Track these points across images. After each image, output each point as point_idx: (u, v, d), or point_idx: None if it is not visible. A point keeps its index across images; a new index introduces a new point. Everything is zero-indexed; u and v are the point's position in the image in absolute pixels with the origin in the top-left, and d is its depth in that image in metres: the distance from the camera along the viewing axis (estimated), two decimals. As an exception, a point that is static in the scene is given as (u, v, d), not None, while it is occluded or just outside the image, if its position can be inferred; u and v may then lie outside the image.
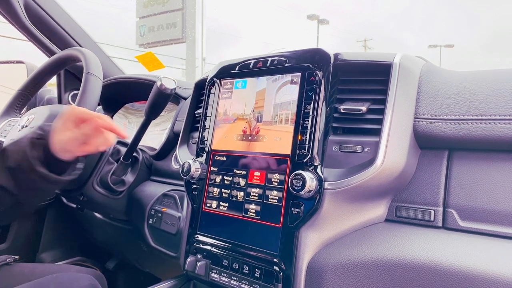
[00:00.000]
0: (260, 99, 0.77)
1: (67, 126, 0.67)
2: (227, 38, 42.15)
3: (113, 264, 1.47)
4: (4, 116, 1.19)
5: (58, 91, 1.53)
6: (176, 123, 1.09)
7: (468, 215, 0.62)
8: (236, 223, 0.75)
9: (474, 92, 0.64)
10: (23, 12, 1.27)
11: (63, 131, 0.66)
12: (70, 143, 0.67)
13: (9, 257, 0.88)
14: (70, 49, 1.08)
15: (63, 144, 0.66)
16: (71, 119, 0.67)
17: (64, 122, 0.67)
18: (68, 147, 0.66)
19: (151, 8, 10.84)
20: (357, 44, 31.18)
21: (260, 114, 0.77)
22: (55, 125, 0.66)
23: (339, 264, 0.63)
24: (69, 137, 0.66)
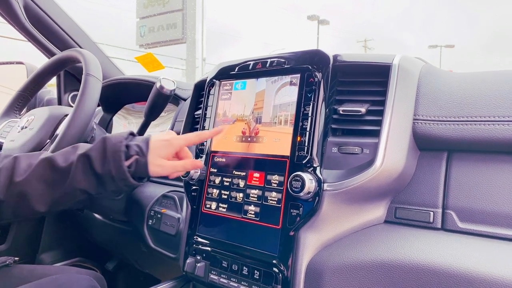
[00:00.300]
0: (260, 100, 0.77)
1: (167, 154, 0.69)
2: (227, 38, 42.17)
3: (113, 265, 1.47)
4: (4, 117, 1.19)
5: (58, 92, 1.54)
6: (176, 124, 1.09)
7: (467, 217, 0.62)
8: (236, 224, 0.75)
9: (473, 94, 0.64)
10: (22, 13, 1.27)
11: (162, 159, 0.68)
12: (167, 170, 0.69)
13: (9, 259, 0.88)
14: (70, 50, 1.07)
15: (161, 170, 0.68)
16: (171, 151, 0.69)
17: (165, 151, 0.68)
18: (163, 172, 0.69)
19: (151, 8, 10.85)
20: (358, 45, 31.19)
21: (259, 115, 0.77)
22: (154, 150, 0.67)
23: (338, 266, 0.63)
24: (169, 165, 0.69)
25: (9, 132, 1.11)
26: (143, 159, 0.66)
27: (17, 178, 0.66)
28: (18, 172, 0.66)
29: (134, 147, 0.66)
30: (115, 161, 0.65)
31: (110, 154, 0.65)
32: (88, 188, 0.66)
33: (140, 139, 0.69)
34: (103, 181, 0.66)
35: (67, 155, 0.68)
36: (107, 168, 0.65)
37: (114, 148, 0.66)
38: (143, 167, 0.66)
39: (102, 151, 0.66)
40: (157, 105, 0.97)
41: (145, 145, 0.67)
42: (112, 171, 0.65)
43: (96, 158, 0.66)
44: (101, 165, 0.65)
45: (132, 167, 0.66)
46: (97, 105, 0.95)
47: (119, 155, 0.65)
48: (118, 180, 0.65)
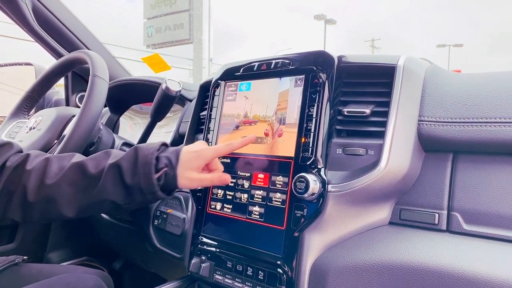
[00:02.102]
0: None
1: (197, 167, 0.68)
2: (234, 39, 42.20)
3: (119, 264, 1.48)
4: (13, 117, 1.20)
5: (66, 92, 1.55)
6: (182, 125, 1.10)
7: (473, 219, 0.61)
8: (240, 225, 0.75)
9: (479, 95, 0.63)
10: (31, 15, 1.28)
11: (191, 171, 0.67)
12: (195, 184, 0.69)
13: (18, 258, 0.89)
14: (77, 52, 1.09)
15: (189, 183, 0.68)
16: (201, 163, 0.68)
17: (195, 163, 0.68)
18: (192, 185, 0.69)
19: (158, 9, 10.90)
20: (365, 44, 31.03)
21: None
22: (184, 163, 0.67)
23: (342, 267, 0.63)
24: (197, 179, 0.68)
25: (17, 132, 1.12)
26: (172, 172, 0.65)
27: (48, 181, 0.65)
28: (49, 174, 0.65)
29: (163, 160, 0.66)
30: (145, 173, 0.64)
31: (141, 166, 0.64)
32: (117, 198, 0.65)
33: (170, 151, 0.68)
34: (132, 192, 0.65)
35: (98, 162, 0.67)
36: (136, 180, 0.64)
37: (145, 160, 0.65)
38: (172, 180, 0.66)
39: (133, 162, 0.65)
40: (163, 106, 0.97)
41: (175, 158, 0.66)
42: (142, 183, 0.64)
43: (127, 169, 0.65)
44: (131, 176, 0.64)
45: (161, 180, 0.65)
46: (104, 106, 0.96)
47: (149, 168, 0.64)
48: (147, 192, 0.65)
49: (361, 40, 32.11)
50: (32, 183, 0.65)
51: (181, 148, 0.69)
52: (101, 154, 0.69)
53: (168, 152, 0.68)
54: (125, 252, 1.46)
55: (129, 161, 0.65)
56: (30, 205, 0.65)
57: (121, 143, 1.15)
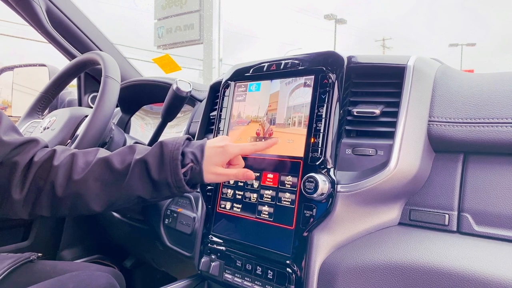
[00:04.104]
0: (274, 101, 0.78)
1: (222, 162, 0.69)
2: (244, 39, 42.20)
3: (131, 262, 1.50)
4: (27, 118, 1.23)
5: (78, 93, 1.58)
6: (192, 125, 1.11)
7: (484, 220, 0.61)
8: (249, 224, 0.75)
9: (490, 95, 0.63)
10: (45, 17, 1.31)
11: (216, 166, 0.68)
12: (220, 178, 0.70)
13: (33, 255, 0.90)
14: (90, 53, 1.10)
15: (214, 178, 0.68)
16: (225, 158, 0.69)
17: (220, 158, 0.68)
18: (217, 180, 0.70)
19: (169, 10, 10.97)
20: (375, 44, 30.77)
21: (273, 117, 0.77)
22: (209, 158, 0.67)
23: (351, 267, 0.63)
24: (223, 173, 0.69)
25: (32, 132, 1.15)
26: (197, 167, 0.66)
27: (75, 176, 0.66)
28: (76, 170, 0.66)
29: (189, 155, 0.66)
30: (172, 168, 0.65)
31: (167, 162, 0.65)
32: (143, 193, 0.67)
33: (195, 145, 0.68)
34: (159, 187, 0.66)
35: (123, 157, 0.68)
36: (163, 175, 0.65)
37: (171, 156, 0.65)
38: (198, 174, 0.66)
39: (159, 157, 0.66)
40: (174, 106, 0.98)
41: (200, 153, 0.67)
42: (169, 178, 0.65)
43: (153, 164, 0.66)
44: (158, 172, 0.65)
45: (188, 175, 0.66)
46: (115, 106, 0.97)
47: (176, 163, 0.65)
48: (174, 187, 0.66)
49: (372, 40, 31.86)
50: (60, 179, 0.66)
51: (206, 142, 0.69)
52: (126, 149, 0.70)
53: (194, 147, 0.68)
54: (136, 251, 1.47)
55: (156, 157, 0.66)
56: (59, 201, 0.67)
57: (132, 142, 1.16)
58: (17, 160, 0.66)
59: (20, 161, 0.66)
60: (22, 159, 0.67)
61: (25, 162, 0.67)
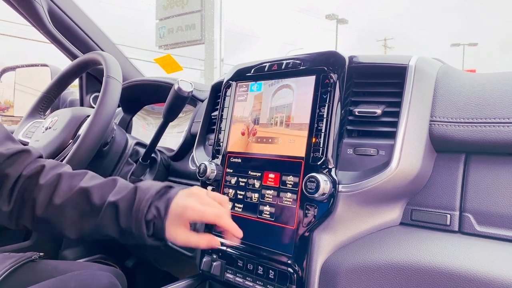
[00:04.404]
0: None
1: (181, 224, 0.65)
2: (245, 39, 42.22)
3: (132, 262, 1.50)
4: (29, 118, 1.23)
5: (80, 93, 1.58)
6: (193, 125, 1.11)
7: (485, 220, 0.61)
8: (251, 224, 0.75)
9: (492, 95, 0.63)
10: (47, 17, 1.31)
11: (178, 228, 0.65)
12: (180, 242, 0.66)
13: (35, 254, 0.91)
14: (92, 53, 1.11)
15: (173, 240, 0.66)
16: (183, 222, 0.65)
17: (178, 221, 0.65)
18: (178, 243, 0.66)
19: (170, 10, 10.98)
20: (377, 44, 30.74)
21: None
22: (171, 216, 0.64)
23: (353, 267, 0.63)
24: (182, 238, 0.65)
25: (34, 132, 1.15)
26: (160, 224, 0.64)
27: (56, 200, 0.66)
28: (58, 193, 0.66)
29: (153, 210, 0.64)
30: (137, 220, 0.63)
31: (134, 212, 0.64)
32: (113, 234, 0.66)
33: (164, 200, 0.66)
34: (125, 234, 0.65)
35: (103, 192, 0.67)
36: (128, 225, 0.64)
37: (139, 206, 0.64)
38: (160, 231, 0.64)
39: (129, 205, 0.65)
40: (175, 106, 0.98)
41: (164, 208, 0.65)
42: (132, 229, 0.64)
43: (123, 211, 0.65)
44: (125, 220, 0.64)
45: (150, 230, 0.64)
46: (117, 106, 0.98)
47: (140, 216, 0.63)
48: (137, 237, 0.65)
49: (374, 40, 31.83)
50: (41, 198, 0.66)
51: (174, 197, 0.66)
52: (109, 182, 0.69)
53: (162, 200, 0.66)
54: (138, 251, 1.48)
55: (127, 203, 0.65)
56: (37, 219, 0.67)
57: (134, 142, 1.17)
58: (8, 173, 0.66)
59: (11, 174, 0.66)
60: (14, 171, 0.67)
61: (16, 174, 0.67)
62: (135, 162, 1.13)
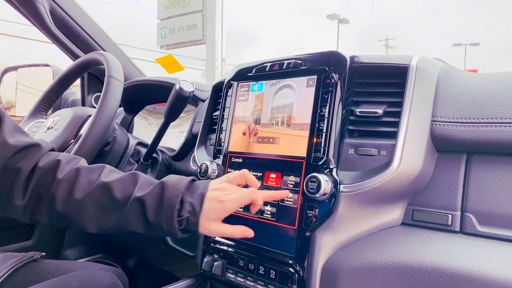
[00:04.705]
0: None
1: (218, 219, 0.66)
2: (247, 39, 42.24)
3: (133, 262, 1.51)
4: (31, 117, 1.23)
5: (82, 93, 1.58)
6: (195, 125, 1.11)
7: (487, 220, 0.61)
8: (252, 224, 0.75)
9: (493, 95, 0.62)
10: (48, 17, 1.31)
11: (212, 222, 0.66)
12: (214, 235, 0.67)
13: (36, 254, 0.91)
14: (93, 53, 1.11)
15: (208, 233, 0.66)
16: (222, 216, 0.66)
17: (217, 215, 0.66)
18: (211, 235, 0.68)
19: (172, 10, 10.99)
20: (379, 43, 30.72)
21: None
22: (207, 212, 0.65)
23: (354, 267, 0.63)
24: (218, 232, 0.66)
25: (36, 132, 1.15)
26: (194, 219, 0.64)
27: (76, 195, 0.65)
28: (78, 188, 0.66)
29: (187, 206, 0.64)
30: (168, 216, 0.64)
31: (165, 208, 0.64)
32: (138, 229, 0.66)
33: (197, 193, 0.66)
34: (153, 228, 0.65)
35: (125, 187, 0.67)
36: (159, 220, 0.64)
37: (169, 202, 0.64)
38: (193, 225, 0.65)
39: (158, 201, 0.65)
40: (177, 106, 0.98)
41: (198, 204, 0.65)
42: (163, 224, 0.64)
43: (151, 206, 0.65)
44: (154, 216, 0.64)
45: (183, 225, 0.65)
46: (118, 106, 0.98)
47: (172, 212, 0.63)
48: (167, 231, 0.65)
49: (375, 40, 31.80)
50: (60, 193, 0.66)
51: (207, 191, 0.66)
52: (129, 177, 0.68)
53: (194, 195, 0.66)
54: (139, 250, 1.48)
55: (155, 199, 0.65)
56: (57, 214, 0.66)
57: (136, 142, 1.17)
58: (20, 166, 0.66)
59: (23, 168, 0.66)
60: (26, 165, 0.66)
61: (29, 168, 0.66)
62: (136, 162, 1.14)
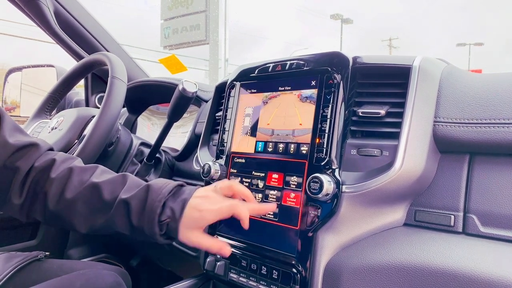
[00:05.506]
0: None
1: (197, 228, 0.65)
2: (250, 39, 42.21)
3: (137, 262, 1.51)
4: (36, 118, 1.24)
5: (86, 93, 1.59)
6: (198, 125, 1.11)
7: (490, 221, 0.61)
8: (255, 224, 0.76)
9: (496, 95, 0.62)
10: (53, 18, 1.32)
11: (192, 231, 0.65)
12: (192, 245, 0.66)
13: (40, 253, 0.92)
14: (97, 54, 1.12)
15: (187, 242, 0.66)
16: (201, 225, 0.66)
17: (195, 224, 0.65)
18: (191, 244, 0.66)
19: (175, 10, 11.01)
20: (382, 44, 30.62)
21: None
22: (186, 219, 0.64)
23: (356, 268, 0.63)
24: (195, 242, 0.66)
25: (40, 132, 1.16)
26: (174, 225, 0.64)
27: (67, 194, 0.66)
28: (69, 187, 0.67)
29: (168, 211, 0.64)
30: (149, 219, 0.64)
31: (147, 211, 0.64)
32: (123, 231, 0.66)
33: (178, 200, 0.65)
34: (136, 231, 0.66)
35: (114, 188, 0.67)
36: (141, 223, 0.64)
37: (152, 206, 0.64)
38: (173, 231, 0.64)
39: (142, 204, 0.65)
40: (180, 107, 0.99)
41: (179, 211, 0.64)
42: (145, 228, 0.64)
43: (134, 209, 0.65)
44: (137, 218, 0.65)
45: (163, 230, 0.65)
46: (122, 107, 0.98)
47: (153, 216, 0.63)
48: (149, 235, 0.65)
49: (379, 40, 31.72)
50: (53, 192, 0.67)
51: (190, 198, 0.65)
52: (119, 178, 0.69)
53: (177, 201, 0.65)
54: (142, 250, 1.48)
55: (139, 201, 0.65)
56: (49, 213, 0.68)
57: (139, 143, 1.17)
58: (19, 165, 0.67)
59: (21, 167, 0.67)
60: (24, 164, 0.67)
61: (27, 167, 0.68)
62: (139, 162, 1.14)
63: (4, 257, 0.87)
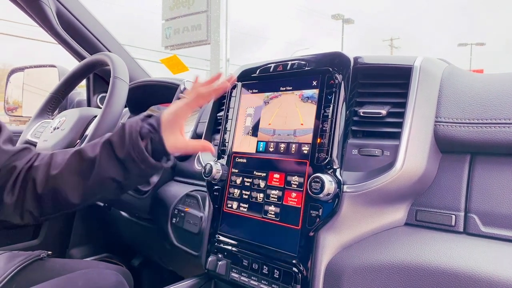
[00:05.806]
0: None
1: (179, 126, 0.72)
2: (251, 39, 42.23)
3: (138, 261, 1.52)
4: (38, 118, 1.25)
5: (87, 93, 1.60)
6: (199, 125, 1.12)
7: (491, 221, 0.61)
8: (256, 224, 0.76)
9: (497, 96, 0.62)
10: (55, 19, 1.33)
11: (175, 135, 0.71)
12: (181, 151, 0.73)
13: (43, 253, 0.92)
14: (99, 54, 1.12)
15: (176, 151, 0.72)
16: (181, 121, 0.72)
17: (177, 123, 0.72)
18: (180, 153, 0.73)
19: (176, 10, 11.02)
20: (383, 43, 30.59)
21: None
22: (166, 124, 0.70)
23: (357, 267, 0.63)
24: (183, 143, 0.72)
25: (42, 132, 1.16)
26: (157, 136, 0.68)
27: (52, 172, 0.69)
28: (54, 166, 0.70)
29: (146, 126, 0.69)
30: (132, 142, 0.67)
31: (128, 137, 0.67)
32: (115, 174, 0.69)
33: (154, 118, 0.71)
34: (126, 165, 0.68)
35: (95, 145, 0.71)
36: (127, 151, 0.67)
37: (130, 130, 0.68)
38: (159, 144, 0.69)
39: (121, 135, 0.69)
40: (181, 107, 0.99)
41: (156, 122, 0.69)
42: (132, 153, 0.67)
43: (117, 142, 0.68)
44: (121, 148, 0.68)
45: (149, 146, 0.68)
46: (124, 107, 0.99)
47: (135, 136, 0.67)
48: (139, 161, 0.67)
49: (380, 40, 31.70)
50: (40, 176, 0.69)
51: (163, 112, 0.72)
52: (98, 139, 0.73)
53: (151, 120, 0.71)
54: (144, 250, 1.49)
55: (118, 135, 0.69)
56: (40, 198, 0.69)
57: None
58: (14, 165, 0.69)
59: (17, 166, 0.69)
60: (19, 164, 0.70)
61: (20, 167, 0.70)
62: (141, 162, 1.14)
63: (7, 256, 0.88)
